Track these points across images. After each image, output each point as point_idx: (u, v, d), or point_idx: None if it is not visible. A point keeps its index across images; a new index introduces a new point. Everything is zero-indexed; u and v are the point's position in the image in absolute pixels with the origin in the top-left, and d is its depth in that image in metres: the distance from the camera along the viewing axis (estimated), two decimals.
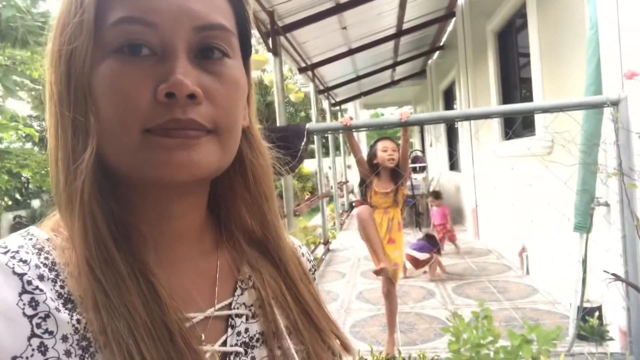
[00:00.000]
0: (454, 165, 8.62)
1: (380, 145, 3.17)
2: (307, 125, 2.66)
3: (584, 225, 2.72)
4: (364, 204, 3.18)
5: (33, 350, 0.36)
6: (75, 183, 0.41)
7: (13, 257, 0.39)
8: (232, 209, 0.53)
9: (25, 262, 0.39)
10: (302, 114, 19.71)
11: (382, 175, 3.17)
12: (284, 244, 0.54)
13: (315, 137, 6.84)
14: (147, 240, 0.44)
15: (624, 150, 2.38)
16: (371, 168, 3.20)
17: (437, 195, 6.39)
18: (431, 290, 4.56)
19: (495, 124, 5.28)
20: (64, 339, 0.38)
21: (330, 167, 10.07)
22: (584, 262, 2.71)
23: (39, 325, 0.37)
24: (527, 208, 4.40)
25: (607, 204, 2.66)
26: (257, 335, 0.49)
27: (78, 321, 0.39)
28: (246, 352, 0.48)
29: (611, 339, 2.56)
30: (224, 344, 0.47)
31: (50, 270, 0.40)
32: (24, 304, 0.37)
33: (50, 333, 0.37)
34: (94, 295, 0.39)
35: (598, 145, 2.62)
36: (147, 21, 0.41)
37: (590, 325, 2.56)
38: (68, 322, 0.38)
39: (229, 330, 0.48)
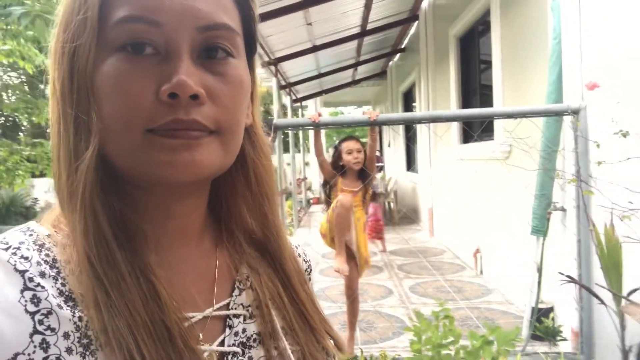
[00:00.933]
0: (411, 165, 8.78)
1: (345, 147, 3.15)
2: (275, 121, 2.61)
3: (541, 228, 2.82)
4: (329, 202, 3.16)
5: (35, 346, 0.36)
6: (77, 180, 0.41)
7: (14, 254, 0.39)
8: (233, 208, 0.54)
9: (26, 258, 0.40)
10: (261, 109, 19.60)
11: (349, 174, 3.16)
12: (283, 244, 0.55)
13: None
14: (148, 239, 0.44)
15: (582, 158, 2.48)
16: (336, 169, 3.18)
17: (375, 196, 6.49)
18: (389, 288, 4.61)
19: (455, 127, 5.40)
20: (66, 336, 0.38)
21: (289, 164, 10.03)
22: (540, 264, 2.81)
23: (41, 322, 0.37)
24: (483, 210, 4.53)
25: (563, 209, 2.76)
26: (255, 336, 0.50)
27: (80, 319, 0.39)
28: (243, 352, 0.49)
29: (564, 339, 2.66)
30: (222, 343, 0.48)
31: (52, 267, 0.41)
32: (26, 301, 0.37)
33: (52, 330, 0.38)
34: (95, 293, 0.39)
35: (557, 152, 2.72)
36: (151, 20, 0.41)
37: (544, 325, 2.65)
38: (70, 320, 0.39)
39: (227, 330, 0.49)
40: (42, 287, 0.39)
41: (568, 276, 2.27)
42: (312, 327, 0.52)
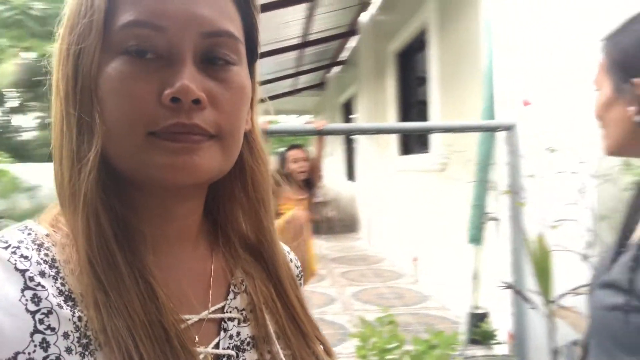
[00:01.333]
0: (351, 175, 8.93)
1: (290, 156, 3.18)
2: None
3: (477, 237, 2.97)
4: (278, 213, 3.15)
5: (35, 346, 0.37)
6: (79, 181, 0.42)
7: (14, 253, 0.40)
8: (230, 213, 0.55)
9: (26, 258, 0.40)
10: None
11: (294, 183, 3.18)
12: (277, 249, 0.56)
13: None
14: (147, 240, 0.45)
15: (515, 171, 2.64)
16: (282, 176, 3.19)
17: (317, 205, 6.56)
18: (332, 296, 4.66)
19: (394, 140, 5.58)
20: (65, 335, 0.38)
21: None
22: (476, 271, 2.96)
23: (41, 321, 0.38)
24: (420, 220, 4.70)
25: (497, 219, 2.93)
26: (248, 339, 0.51)
27: (79, 318, 0.40)
28: (237, 356, 0.49)
29: (499, 343, 2.81)
30: (217, 346, 0.49)
31: (51, 267, 0.41)
32: (27, 300, 0.38)
33: (52, 329, 0.38)
34: (94, 293, 0.40)
35: (491, 165, 2.88)
36: (155, 25, 0.42)
37: (481, 330, 2.79)
38: (69, 319, 0.39)
39: (222, 333, 0.49)
40: (43, 286, 0.39)
41: (505, 282, 2.41)
42: (304, 332, 0.53)
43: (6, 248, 0.40)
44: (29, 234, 0.43)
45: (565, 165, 2.35)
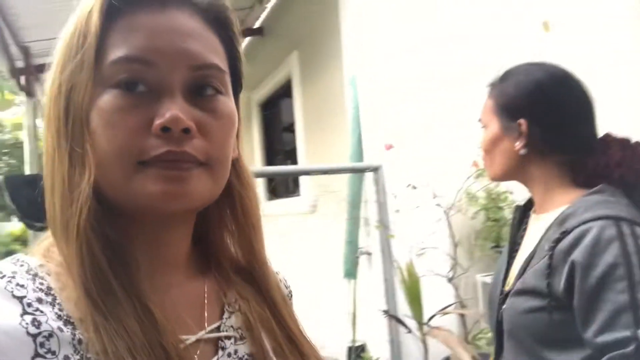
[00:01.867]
0: None
1: None
2: None
3: (351, 272, 3.15)
4: None
5: None
6: (72, 210, 0.43)
7: (10, 282, 0.40)
8: (219, 238, 0.56)
9: (22, 286, 0.41)
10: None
11: None
12: (268, 272, 0.57)
13: None
14: (140, 266, 0.46)
15: (383, 208, 2.91)
16: None
17: None
18: None
19: (259, 185, 5.68)
20: (66, 358, 0.39)
21: None
22: (353, 305, 3.11)
23: (42, 345, 0.38)
24: (292, 261, 4.79)
25: (369, 253, 3.15)
26: (246, 357, 0.52)
27: (79, 341, 0.40)
28: None
29: None
30: None
31: (47, 294, 0.42)
32: (27, 324, 0.38)
33: (53, 353, 0.38)
34: (93, 317, 0.41)
35: (361, 203, 3.13)
36: (146, 60, 0.44)
37: None
38: (69, 342, 0.40)
39: (220, 351, 0.50)
40: (41, 311, 0.40)
41: (385, 311, 2.59)
42: (302, 352, 0.54)
43: (2, 277, 0.41)
44: (22, 265, 0.43)
45: (424, 199, 2.67)
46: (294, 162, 4.81)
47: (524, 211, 1.13)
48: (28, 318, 0.39)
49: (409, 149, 2.80)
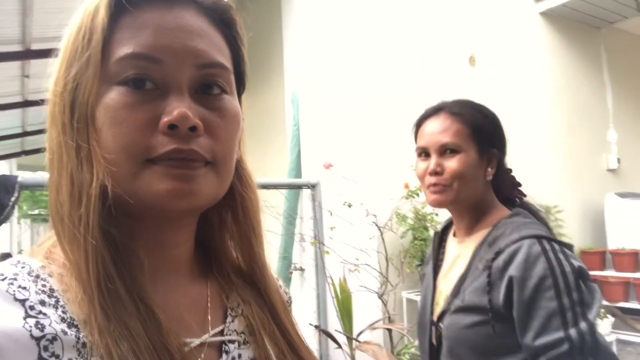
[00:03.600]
0: None
1: None
2: (19, 178, 2.26)
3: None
4: None
5: None
6: (80, 210, 0.42)
7: (11, 284, 0.39)
8: (220, 240, 0.56)
9: (24, 288, 0.40)
10: None
11: None
12: (269, 275, 0.57)
13: None
14: (144, 267, 0.45)
15: (319, 224, 2.98)
16: None
17: None
18: None
19: None
20: None
21: None
22: None
23: (45, 348, 0.37)
24: None
25: (302, 269, 3.20)
26: None
27: (83, 345, 0.39)
28: None
29: None
30: None
31: (50, 296, 0.41)
32: (31, 327, 0.37)
33: (57, 357, 0.38)
34: (97, 319, 0.40)
35: (296, 219, 3.18)
36: (153, 57, 0.44)
37: None
38: (73, 346, 0.39)
39: (224, 355, 0.50)
40: (44, 314, 0.39)
41: (315, 325, 2.63)
42: (301, 357, 0.54)
43: (3, 280, 0.39)
44: (23, 267, 0.42)
45: (358, 217, 2.77)
46: None
47: (442, 236, 1.23)
48: (31, 321, 0.38)
49: (346, 168, 2.90)
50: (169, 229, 0.49)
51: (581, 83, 4.68)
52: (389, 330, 2.74)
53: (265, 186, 2.98)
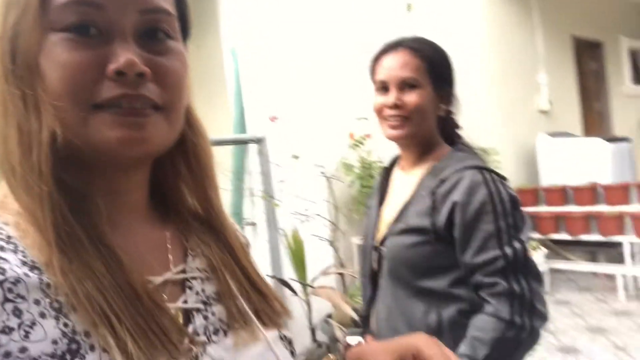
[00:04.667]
0: None
1: None
2: None
3: None
4: None
5: (8, 314, 0.37)
6: (32, 158, 0.42)
7: None
8: (175, 187, 0.56)
9: None
10: None
11: None
12: (226, 220, 0.58)
13: None
14: (101, 211, 0.45)
15: (267, 178, 3.00)
16: None
17: None
18: None
19: None
20: (36, 302, 0.39)
21: None
22: None
23: (10, 290, 0.38)
24: None
25: (254, 223, 3.23)
26: (213, 295, 0.53)
27: (47, 285, 0.40)
28: (206, 309, 0.51)
29: None
30: (185, 302, 0.50)
31: (7, 242, 0.41)
32: None
33: (22, 297, 0.38)
34: (59, 262, 0.40)
35: (245, 174, 3.18)
36: (95, 3, 0.43)
37: None
38: (37, 287, 0.39)
39: (187, 290, 0.51)
40: (4, 259, 0.39)
41: (271, 276, 2.70)
42: (262, 291, 0.56)
43: None
44: None
45: (306, 168, 2.82)
46: None
47: (388, 171, 1.31)
48: None
49: (291, 121, 2.90)
50: (122, 175, 0.49)
51: (513, 28, 4.84)
52: (341, 275, 2.86)
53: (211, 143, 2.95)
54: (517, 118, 4.69)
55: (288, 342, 0.58)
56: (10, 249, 0.40)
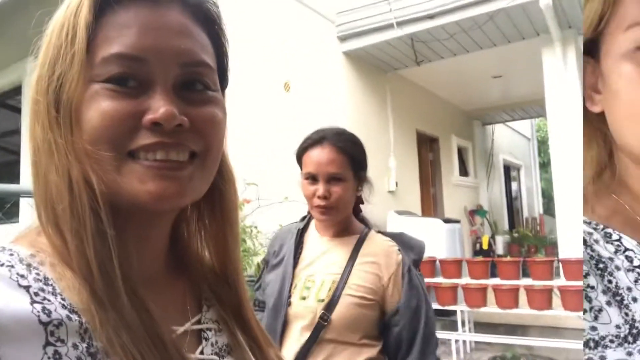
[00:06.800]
0: None
1: None
2: None
3: None
4: None
5: (49, 357, 0.37)
6: (72, 203, 0.43)
7: (10, 271, 0.39)
8: (195, 233, 0.56)
9: (22, 276, 0.40)
10: None
11: None
12: (240, 270, 0.58)
13: None
14: (133, 259, 0.46)
15: None
16: None
17: None
18: None
19: None
20: (74, 346, 0.39)
21: None
22: None
23: (52, 333, 0.38)
24: None
25: None
26: (225, 347, 0.55)
27: (85, 330, 0.40)
28: None
29: None
30: (202, 353, 0.52)
31: (46, 284, 0.41)
32: (38, 312, 0.38)
33: (62, 341, 0.38)
34: (95, 308, 0.41)
35: None
36: (138, 57, 0.44)
37: None
38: (77, 331, 0.40)
39: (204, 341, 0.53)
40: (49, 300, 0.39)
41: None
42: (262, 343, 0.57)
43: (1, 266, 0.39)
44: (11, 254, 0.42)
45: None
46: (10, 180, 4.13)
47: (301, 233, 1.43)
48: (38, 307, 0.38)
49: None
50: (153, 223, 0.50)
51: (371, 116, 5.49)
52: None
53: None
54: (372, 196, 5.19)
55: None
56: (49, 291, 0.40)
